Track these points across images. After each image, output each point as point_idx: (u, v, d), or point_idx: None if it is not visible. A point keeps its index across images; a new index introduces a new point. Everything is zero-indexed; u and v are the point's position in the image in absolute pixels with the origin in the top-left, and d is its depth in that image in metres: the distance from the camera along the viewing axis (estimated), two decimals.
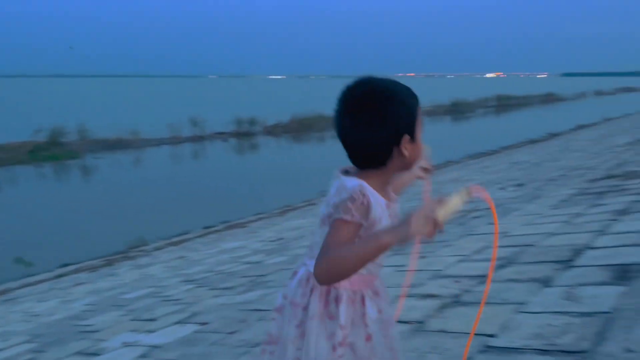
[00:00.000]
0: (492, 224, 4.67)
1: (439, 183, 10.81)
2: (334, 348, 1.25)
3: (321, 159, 21.11)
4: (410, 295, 2.85)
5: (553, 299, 2.38)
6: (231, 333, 3.06)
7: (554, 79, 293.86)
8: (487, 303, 2.51)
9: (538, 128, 24.14)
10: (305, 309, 1.27)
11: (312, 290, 1.28)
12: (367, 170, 1.27)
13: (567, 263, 2.91)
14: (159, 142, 26.86)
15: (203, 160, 24.58)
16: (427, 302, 2.72)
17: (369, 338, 1.29)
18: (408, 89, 1.29)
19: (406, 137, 1.25)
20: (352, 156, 1.29)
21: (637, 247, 2.91)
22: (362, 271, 1.26)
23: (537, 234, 3.76)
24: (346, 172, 1.31)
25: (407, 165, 1.31)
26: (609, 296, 2.27)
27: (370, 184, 1.24)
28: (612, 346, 1.81)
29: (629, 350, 1.77)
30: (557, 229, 3.81)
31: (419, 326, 2.43)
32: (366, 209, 1.21)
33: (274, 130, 30.78)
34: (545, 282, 2.63)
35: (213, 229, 10.93)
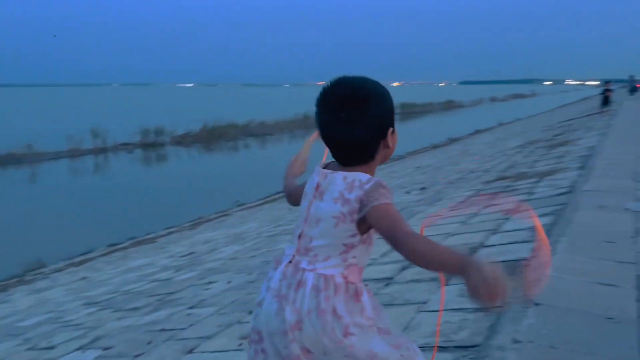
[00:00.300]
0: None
1: None
2: (367, 327, 1.23)
3: (235, 168, 20.86)
4: None
5: (450, 297, 2.52)
6: (137, 356, 2.91)
7: (453, 87, 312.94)
8: (391, 304, 2.61)
9: (440, 133, 25.54)
10: (334, 312, 1.20)
11: (336, 292, 1.21)
12: (356, 166, 1.27)
13: None
14: (57, 156, 25.06)
15: (106, 173, 23.28)
16: None
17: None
18: (381, 84, 1.30)
19: (390, 130, 1.28)
20: (342, 154, 1.28)
21: (523, 243, 3.17)
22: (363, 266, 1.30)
23: (438, 234, 3.96)
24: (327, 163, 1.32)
25: (388, 156, 1.32)
26: None
27: None
28: (502, 339, 1.96)
29: (516, 341, 1.92)
30: (455, 230, 4.05)
31: None
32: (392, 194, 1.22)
33: (183, 140, 29.87)
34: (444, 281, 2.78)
35: (119, 246, 10.38)
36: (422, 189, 7.77)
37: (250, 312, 3.07)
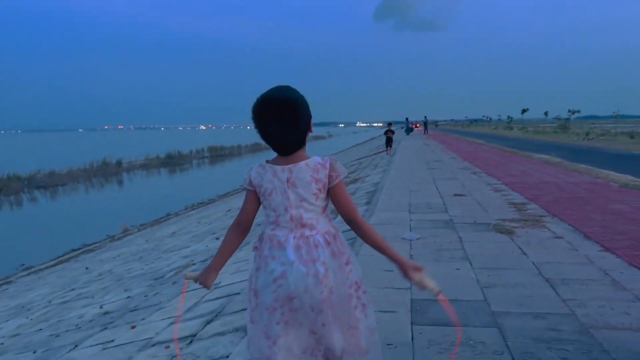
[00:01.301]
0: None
1: (157, 239, 10.54)
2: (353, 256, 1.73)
3: (18, 226, 18.17)
4: None
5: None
6: None
7: None
8: None
9: None
10: (340, 252, 1.64)
11: (335, 238, 1.65)
12: (296, 152, 1.64)
13: None
14: None
15: None
16: None
17: None
18: (297, 90, 1.66)
19: (311, 121, 1.68)
20: (286, 149, 1.64)
21: None
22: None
23: (244, 280, 3.99)
24: (272, 162, 1.66)
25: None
26: None
27: None
28: None
29: None
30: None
31: None
32: None
33: None
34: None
35: None
36: None
37: None
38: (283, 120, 1.58)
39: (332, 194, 1.65)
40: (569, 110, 62.21)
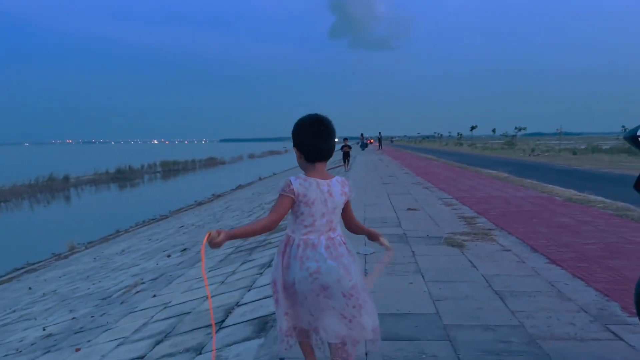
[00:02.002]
0: (155, 296, 4.61)
1: (105, 257, 10.15)
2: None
3: None
4: None
5: None
6: None
7: (214, 144, 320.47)
8: None
9: (204, 190, 25.66)
10: (349, 249, 1.99)
11: (346, 239, 2.02)
12: (324, 162, 2.02)
13: (219, 325, 3.09)
14: None
15: None
16: None
17: None
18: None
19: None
20: (323, 158, 2.00)
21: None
22: None
23: (195, 299, 3.89)
24: (305, 173, 2.00)
25: None
26: (250, 351, 2.50)
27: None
28: None
29: None
30: (213, 291, 4.04)
31: None
32: None
33: None
34: (198, 350, 2.72)
35: None
36: (184, 250, 7.62)
37: None
38: (327, 136, 2.00)
39: (345, 205, 2.04)
40: (516, 128, 64.87)
